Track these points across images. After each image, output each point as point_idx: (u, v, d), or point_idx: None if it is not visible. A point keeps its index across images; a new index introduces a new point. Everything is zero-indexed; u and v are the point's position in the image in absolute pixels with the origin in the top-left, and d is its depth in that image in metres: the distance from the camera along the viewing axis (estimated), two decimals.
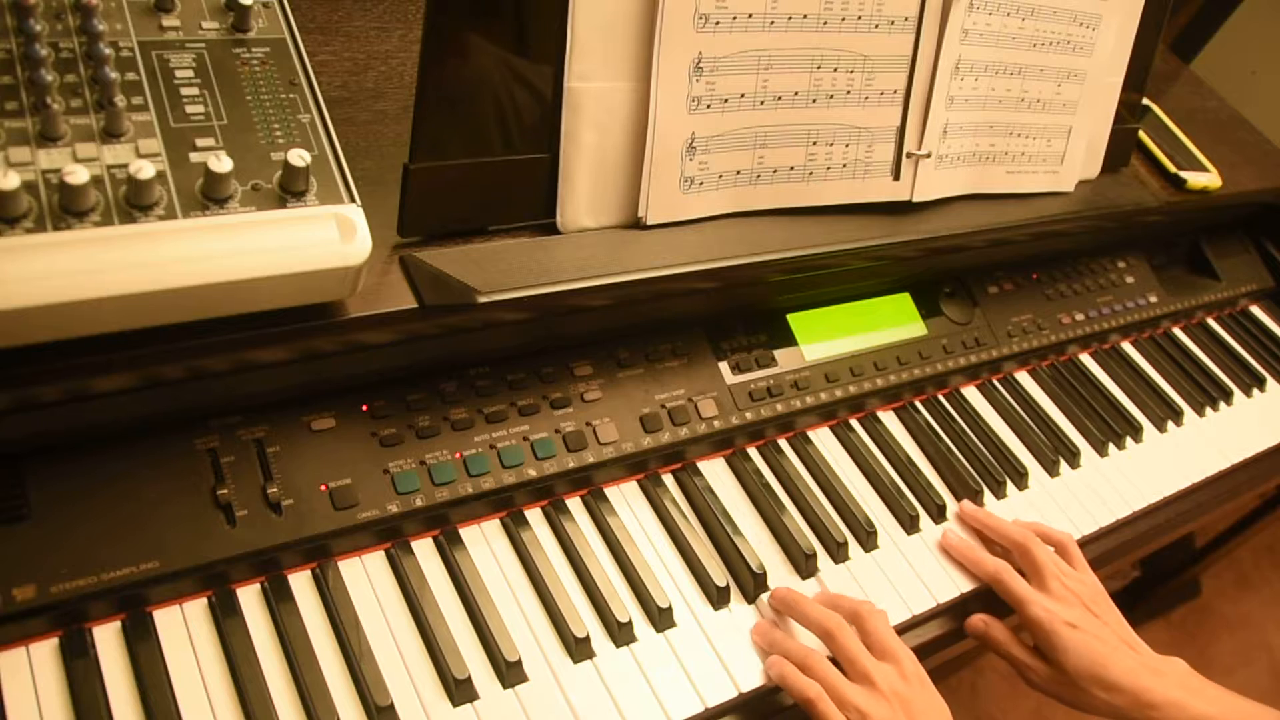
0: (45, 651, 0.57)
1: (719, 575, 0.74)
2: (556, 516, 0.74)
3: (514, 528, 0.72)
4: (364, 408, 0.68)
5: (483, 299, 0.64)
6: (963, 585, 0.82)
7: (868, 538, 0.82)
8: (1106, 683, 0.73)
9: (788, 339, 0.88)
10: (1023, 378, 1.05)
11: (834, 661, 0.69)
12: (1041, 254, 1.10)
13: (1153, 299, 1.18)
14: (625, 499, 0.77)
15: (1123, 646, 0.76)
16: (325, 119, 0.58)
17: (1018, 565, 0.81)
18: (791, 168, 0.79)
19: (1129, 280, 1.17)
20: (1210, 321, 1.28)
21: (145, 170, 0.50)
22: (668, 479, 0.80)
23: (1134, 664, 0.74)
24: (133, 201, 0.51)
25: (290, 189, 0.55)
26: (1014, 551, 0.82)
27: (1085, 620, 0.76)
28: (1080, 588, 0.79)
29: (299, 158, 0.54)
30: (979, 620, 0.79)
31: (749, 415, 0.82)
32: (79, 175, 0.48)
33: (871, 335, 0.93)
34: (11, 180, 0.47)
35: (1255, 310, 1.33)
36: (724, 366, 0.83)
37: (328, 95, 0.64)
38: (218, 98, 0.56)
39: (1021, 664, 0.77)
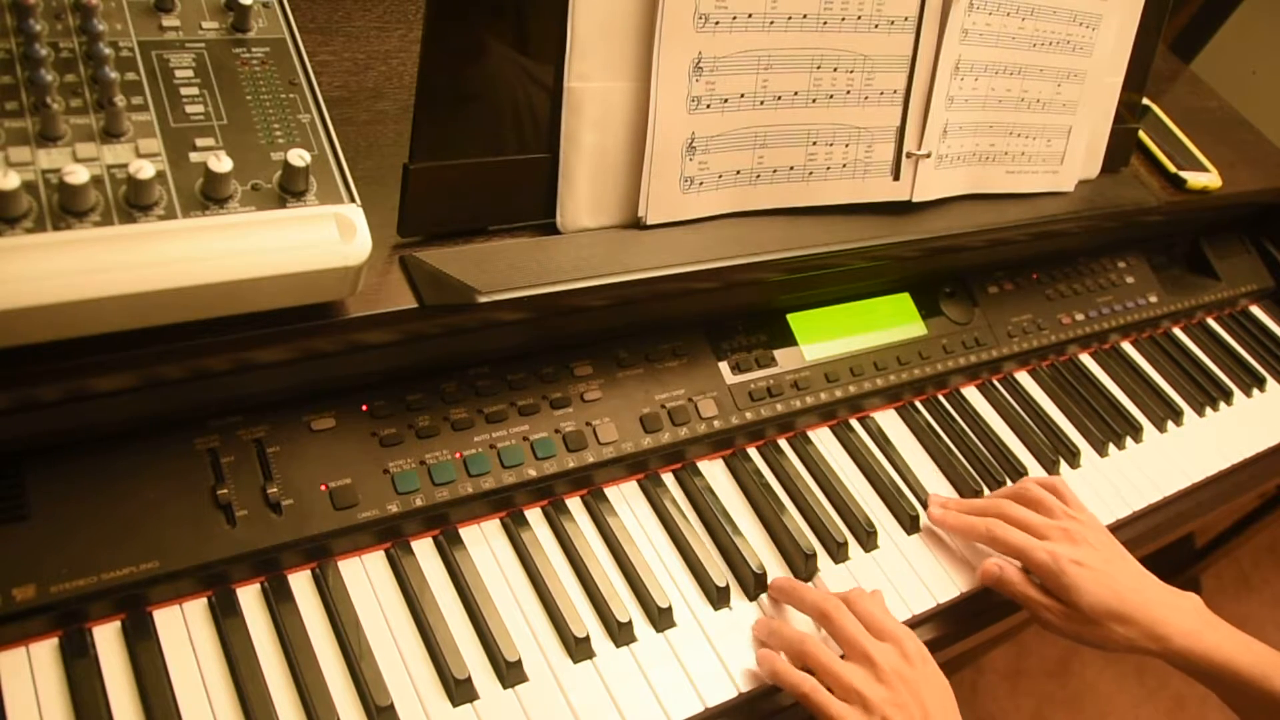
0: (45, 651, 0.57)
1: (719, 575, 0.74)
2: (556, 516, 0.74)
3: (514, 528, 0.72)
4: (364, 408, 0.68)
5: (483, 299, 0.64)
6: (962, 585, 0.82)
7: (868, 538, 0.82)
8: (1121, 615, 0.73)
9: (788, 339, 0.88)
10: (1023, 378, 1.05)
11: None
12: (1041, 254, 1.10)
13: (1153, 299, 1.18)
14: (625, 499, 0.77)
15: (1133, 578, 0.76)
16: (325, 119, 0.59)
17: (1011, 518, 0.81)
18: (791, 168, 0.79)
19: (1129, 280, 1.17)
20: (1210, 321, 1.28)
21: (145, 170, 0.50)
22: (668, 479, 0.80)
23: (1147, 596, 0.75)
24: (133, 201, 0.51)
25: (290, 189, 0.55)
26: (1009, 498, 0.83)
27: (1090, 556, 0.76)
28: (1078, 526, 0.79)
29: (299, 158, 0.54)
30: (993, 565, 0.79)
31: (749, 415, 0.82)
32: (79, 175, 0.48)
33: (871, 335, 0.93)
34: (11, 180, 0.47)
35: (1255, 310, 1.33)
36: (724, 366, 0.83)
37: (328, 95, 0.64)
38: (218, 98, 0.56)
39: (1038, 604, 0.77)
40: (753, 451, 0.85)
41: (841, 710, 0.64)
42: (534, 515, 0.74)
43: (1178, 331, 1.23)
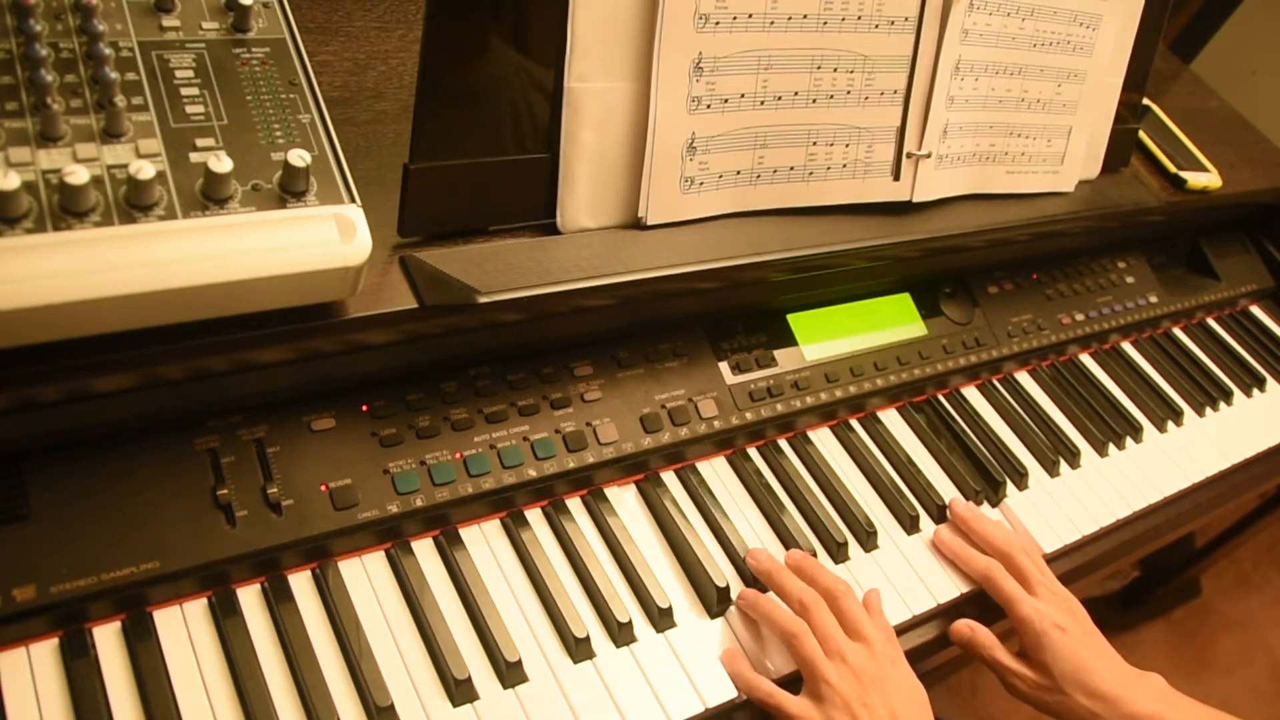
0: (45, 652, 0.57)
1: (719, 576, 0.74)
2: (556, 516, 0.74)
3: (514, 528, 0.72)
4: (364, 408, 0.68)
5: (483, 299, 0.64)
6: (962, 586, 0.82)
7: (868, 538, 0.82)
8: (1090, 688, 0.73)
9: (788, 339, 0.88)
10: (1023, 378, 1.05)
11: None
12: (1041, 254, 1.10)
13: (1153, 299, 1.18)
14: (625, 499, 0.77)
15: (1106, 655, 0.76)
16: (325, 119, 0.58)
17: (1014, 567, 0.81)
18: (791, 168, 0.79)
19: (1129, 280, 1.17)
20: (1210, 321, 1.28)
21: (145, 170, 0.50)
22: (668, 479, 0.80)
23: (1117, 672, 0.75)
24: (133, 201, 0.51)
25: (290, 189, 0.55)
26: (996, 558, 0.82)
27: (1072, 624, 0.77)
28: (1064, 597, 0.80)
29: (299, 158, 0.54)
30: (964, 625, 0.79)
31: (749, 415, 0.82)
32: (79, 175, 0.48)
33: (871, 335, 0.93)
34: (11, 180, 0.47)
35: (1255, 310, 1.33)
36: (724, 366, 0.83)
37: (328, 95, 0.64)
38: (218, 98, 0.56)
39: (1006, 669, 0.77)
40: (753, 451, 0.85)
41: (799, 707, 0.65)
42: (534, 515, 0.74)
43: (1178, 331, 1.23)
